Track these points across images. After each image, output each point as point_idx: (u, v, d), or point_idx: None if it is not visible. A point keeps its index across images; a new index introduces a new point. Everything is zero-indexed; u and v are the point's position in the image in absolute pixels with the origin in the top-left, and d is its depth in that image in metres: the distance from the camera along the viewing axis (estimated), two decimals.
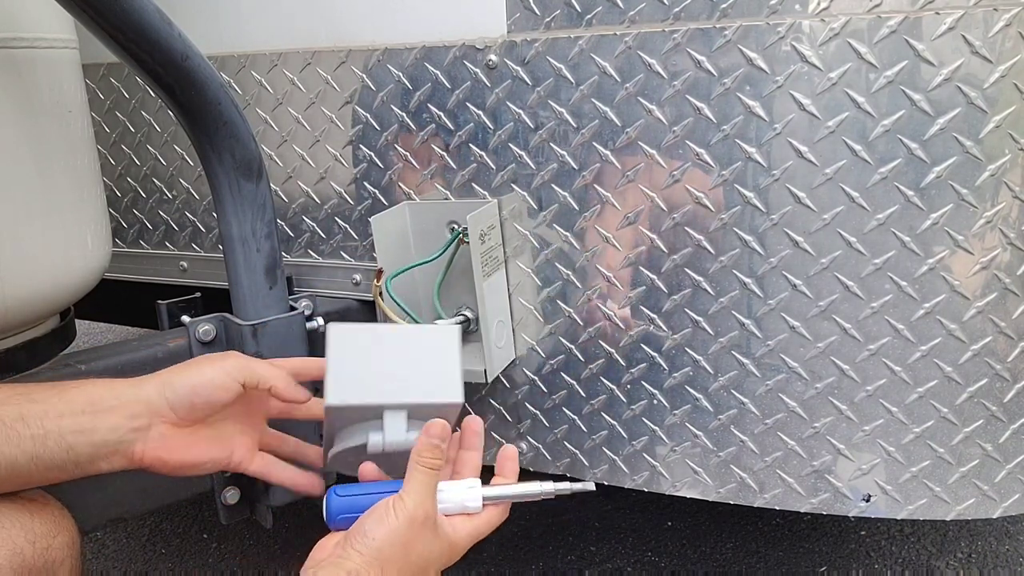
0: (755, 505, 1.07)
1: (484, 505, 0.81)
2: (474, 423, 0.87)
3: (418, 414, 0.84)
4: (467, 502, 0.81)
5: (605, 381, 1.10)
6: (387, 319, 1.09)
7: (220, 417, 0.86)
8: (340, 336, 0.84)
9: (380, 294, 1.08)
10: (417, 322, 1.11)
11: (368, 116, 1.16)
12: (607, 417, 1.12)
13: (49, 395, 0.75)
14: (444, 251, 1.11)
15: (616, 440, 1.12)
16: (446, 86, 1.09)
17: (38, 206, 0.96)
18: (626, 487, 1.13)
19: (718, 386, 1.04)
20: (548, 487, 0.84)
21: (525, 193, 1.08)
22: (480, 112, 1.08)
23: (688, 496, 1.10)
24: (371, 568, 0.71)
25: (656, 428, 1.09)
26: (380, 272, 1.07)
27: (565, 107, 1.02)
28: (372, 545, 0.72)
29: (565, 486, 0.85)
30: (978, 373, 0.96)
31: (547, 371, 1.14)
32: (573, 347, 1.11)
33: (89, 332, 3.05)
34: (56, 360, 1.04)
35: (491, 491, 0.82)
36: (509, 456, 0.86)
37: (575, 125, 1.02)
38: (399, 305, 1.08)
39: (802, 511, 1.07)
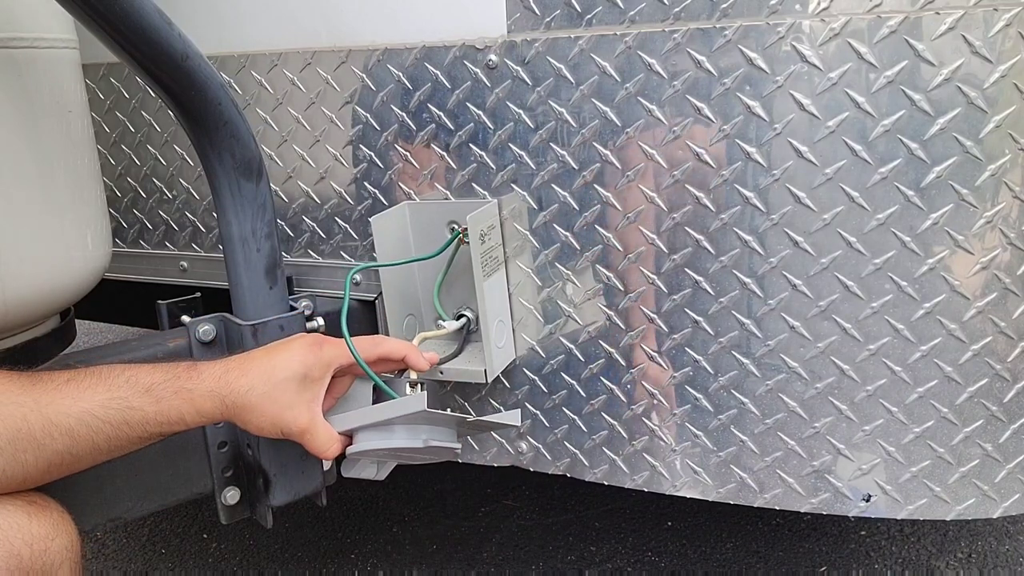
0: (755, 505, 1.07)
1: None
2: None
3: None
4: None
5: (605, 381, 1.10)
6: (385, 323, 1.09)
7: None
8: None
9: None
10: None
11: (368, 116, 1.16)
12: (607, 417, 1.12)
13: (145, 403, 0.81)
14: (444, 251, 1.11)
15: (616, 440, 1.12)
16: (446, 86, 1.09)
17: (38, 206, 0.96)
18: (626, 487, 1.13)
19: (718, 386, 1.04)
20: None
21: (525, 193, 1.08)
22: (480, 112, 1.08)
23: (688, 496, 1.10)
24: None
25: (656, 428, 1.09)
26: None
27: (565, 107, 1.02)
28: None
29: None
30: (978, 373, 0.96)
31: (547, 371, 1.14)
32: (573, 347, 1.11)
33: (89, 332, 3.05)
34: (56, 360, 1.04)
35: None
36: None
37: (575, 125, 1.02)
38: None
39: (802, 511, 1.07)
